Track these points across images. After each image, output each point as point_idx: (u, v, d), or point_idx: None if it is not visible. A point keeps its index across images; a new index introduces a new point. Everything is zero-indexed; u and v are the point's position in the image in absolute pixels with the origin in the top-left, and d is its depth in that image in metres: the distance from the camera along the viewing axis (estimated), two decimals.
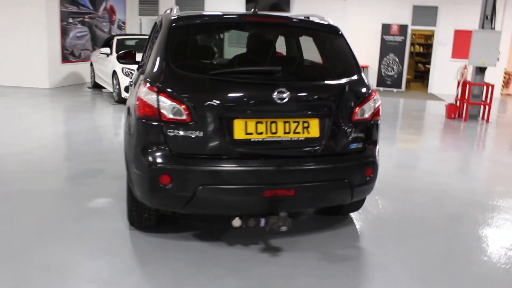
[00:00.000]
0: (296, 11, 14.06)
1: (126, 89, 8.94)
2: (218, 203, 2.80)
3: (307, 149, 2.88)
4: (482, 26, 9.18)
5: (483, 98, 9.55)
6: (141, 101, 2.76)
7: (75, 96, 10.37)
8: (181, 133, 2.68)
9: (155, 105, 2.69)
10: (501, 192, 4.81)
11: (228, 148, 2.73)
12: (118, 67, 9.09)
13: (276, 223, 2.83)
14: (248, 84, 2.84)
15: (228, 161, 2.73)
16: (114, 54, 9.77)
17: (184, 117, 2.67)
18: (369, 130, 3.10)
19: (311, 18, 3.35)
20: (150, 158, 2.71)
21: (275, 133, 2.79)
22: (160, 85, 2.73)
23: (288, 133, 2.83)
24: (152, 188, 2.75)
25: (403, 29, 13.83)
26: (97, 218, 3.58)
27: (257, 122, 2.76)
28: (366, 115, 3.06)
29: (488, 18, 8.97)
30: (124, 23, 14.50)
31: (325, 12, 8.71)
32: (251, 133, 2.75)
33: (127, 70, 8.96)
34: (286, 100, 2.77)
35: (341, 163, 2.96)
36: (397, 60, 14.02)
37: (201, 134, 2.68)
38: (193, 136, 2.68)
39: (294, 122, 2.85)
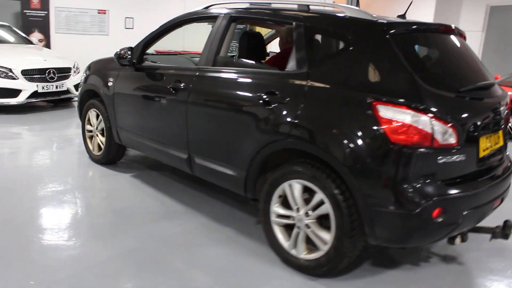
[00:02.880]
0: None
1: None
2: (465, 225, 2.63)
3: (500, 157, 2.98)
4: None
5: None
6: (402, 125, 2.36)
7: None
8: (449, 158, 2.46)
9: (429, 130, 2.36)
10: None
11: (475, 167, 2.66)
12: None
13: (499, 232, 2.83)
14: (485, 100, 2.81)
15: (479, 180, 2.64)
16: None
17: (453, 141, 2.45)
18: None
19: None
20: (423, 192, 2.38)
21: (491, 146, 2.81)
22: (428, 107, 2.38)
23: (494, 145, 2.86)
24: (422, 225, 2.41)
25: None
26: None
27: (486, 138, 2.73)
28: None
29: None
30: None
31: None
32: (484, 150, 2.72)
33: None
34: (503, 112, 2.86)
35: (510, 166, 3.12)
36: None
37: (463, 157, 2.52)
38: (457, 160, 2.49)
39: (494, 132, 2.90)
